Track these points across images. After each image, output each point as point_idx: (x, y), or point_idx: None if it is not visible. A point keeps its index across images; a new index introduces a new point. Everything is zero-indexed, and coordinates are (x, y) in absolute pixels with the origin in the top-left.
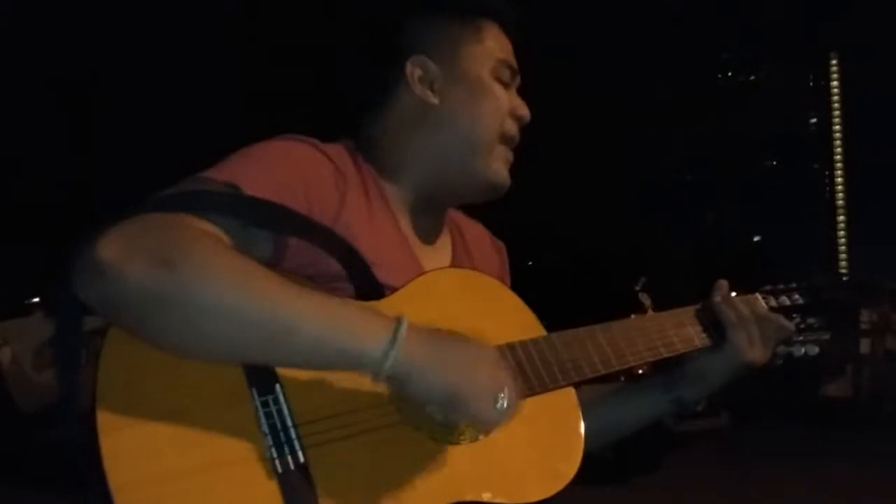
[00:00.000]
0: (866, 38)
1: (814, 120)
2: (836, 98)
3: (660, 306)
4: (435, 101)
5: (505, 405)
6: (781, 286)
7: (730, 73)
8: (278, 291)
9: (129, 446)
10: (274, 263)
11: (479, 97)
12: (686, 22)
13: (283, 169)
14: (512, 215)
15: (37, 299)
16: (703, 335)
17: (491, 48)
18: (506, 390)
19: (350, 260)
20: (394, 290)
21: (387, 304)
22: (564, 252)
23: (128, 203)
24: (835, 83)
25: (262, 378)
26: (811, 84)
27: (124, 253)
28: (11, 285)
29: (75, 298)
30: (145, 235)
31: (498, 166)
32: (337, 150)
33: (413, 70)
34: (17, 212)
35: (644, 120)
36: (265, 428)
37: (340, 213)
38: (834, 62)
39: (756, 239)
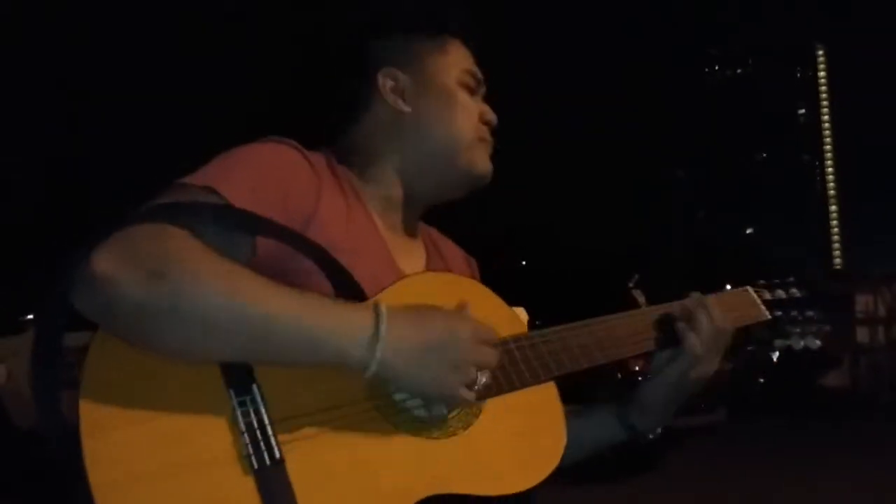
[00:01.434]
0: (851, 30)
1: (802, 111)
2: (823, 89)
3: (654, 302)
4: (407, 108)
5: (482, 385)
6: (777, 280)
7: (717, 68)
8: (264, 294)
9: (111, 447)
10: (253, 264)
11: (449, 102)
12: (673, 19)
13: (260, 171)
14: (505, 215)
15: (31, 316)
16: (656, 340)
17: (455, 59)
18: (482, 372)
19: (324, 260)
20: (371, 288)
21: None
22: (558, 250)
23: (116, 214)
24: (822, 75)
25: (239, 379)
26: (798, 76)
27: (118, 265)
28: (5, 303)
29: (63, 303)
30: (137, 248)
31: (480, 158)
32: (315, 154)
33: (384, 81)
34: (10, 231)
35: (634, 117)
36: (242, 426)
37: (316, 212)
38: (820, 54)
39: (749, 231)
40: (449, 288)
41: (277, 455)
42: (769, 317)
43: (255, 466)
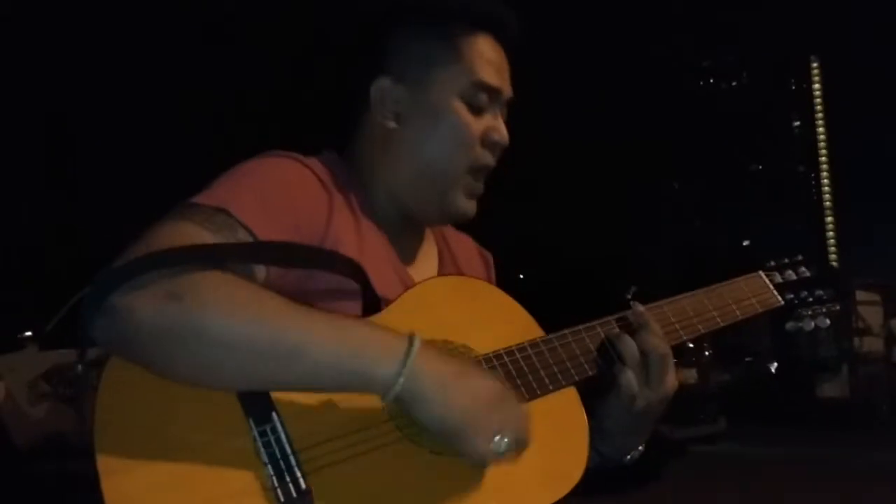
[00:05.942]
0: (846, 41)
1: (797, 123)
2: (817, 101)
3: None
4: (395, 126)
5: (503, 447)
6: (786, 260)
7: (712, 81)
8: (287, 315)
9: (131, 486)
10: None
11: (442, 128)
12: (667, 32)
13: (271, 189)
14: (500, 227)
15: (29, 333)
16: (597, 364)
17: (468, 68)
18: (507, 431)
19: (357, 275)
20: (386, 301)
21: (381, 320)
22: (556, 264)
23: (126, 240)
24: (816, 86)
25: (258, 408)
26: (793, 88)
27: (137, 295)
28: (4, 320)
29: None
30: (154, 277)
31: (460, 199)
32: (320, 165)
33: (375, 95)
34: (6, 250)
35: (629, 129)
36: (265, 458)
37: (329, 228)
38: (814, 65)
39: (745, 243)
40: (459, 297)
41: (303, 486)
42: (782, 302)
43: (282, 499)
